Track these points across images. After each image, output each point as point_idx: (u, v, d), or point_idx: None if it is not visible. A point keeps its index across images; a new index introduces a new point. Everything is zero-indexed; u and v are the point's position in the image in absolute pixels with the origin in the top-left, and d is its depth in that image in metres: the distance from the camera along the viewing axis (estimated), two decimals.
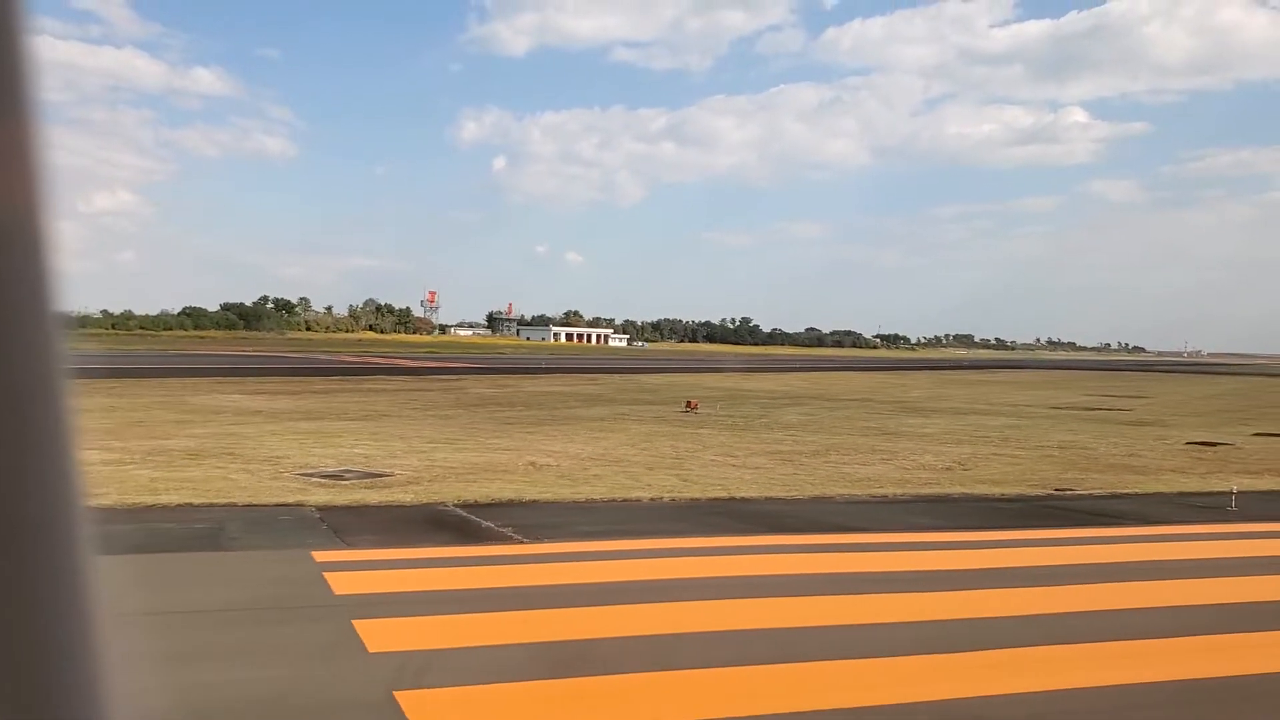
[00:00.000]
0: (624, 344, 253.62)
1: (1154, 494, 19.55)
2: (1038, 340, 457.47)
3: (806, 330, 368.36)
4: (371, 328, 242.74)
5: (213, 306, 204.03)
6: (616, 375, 73.60)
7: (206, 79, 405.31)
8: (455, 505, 15.67)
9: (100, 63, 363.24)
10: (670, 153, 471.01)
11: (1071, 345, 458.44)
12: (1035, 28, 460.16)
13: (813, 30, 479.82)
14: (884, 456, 25.80)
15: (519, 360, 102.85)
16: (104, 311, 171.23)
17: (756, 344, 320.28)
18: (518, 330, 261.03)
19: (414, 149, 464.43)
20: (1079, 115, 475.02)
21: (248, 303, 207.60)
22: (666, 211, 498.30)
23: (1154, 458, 27.31)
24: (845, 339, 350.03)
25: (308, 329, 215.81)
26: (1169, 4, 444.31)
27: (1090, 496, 19.37)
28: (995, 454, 27.14)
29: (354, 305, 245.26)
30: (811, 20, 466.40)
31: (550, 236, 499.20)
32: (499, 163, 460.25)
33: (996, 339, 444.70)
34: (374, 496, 16.46)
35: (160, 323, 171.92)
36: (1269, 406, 58.04)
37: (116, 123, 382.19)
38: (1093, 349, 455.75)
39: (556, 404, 41.88)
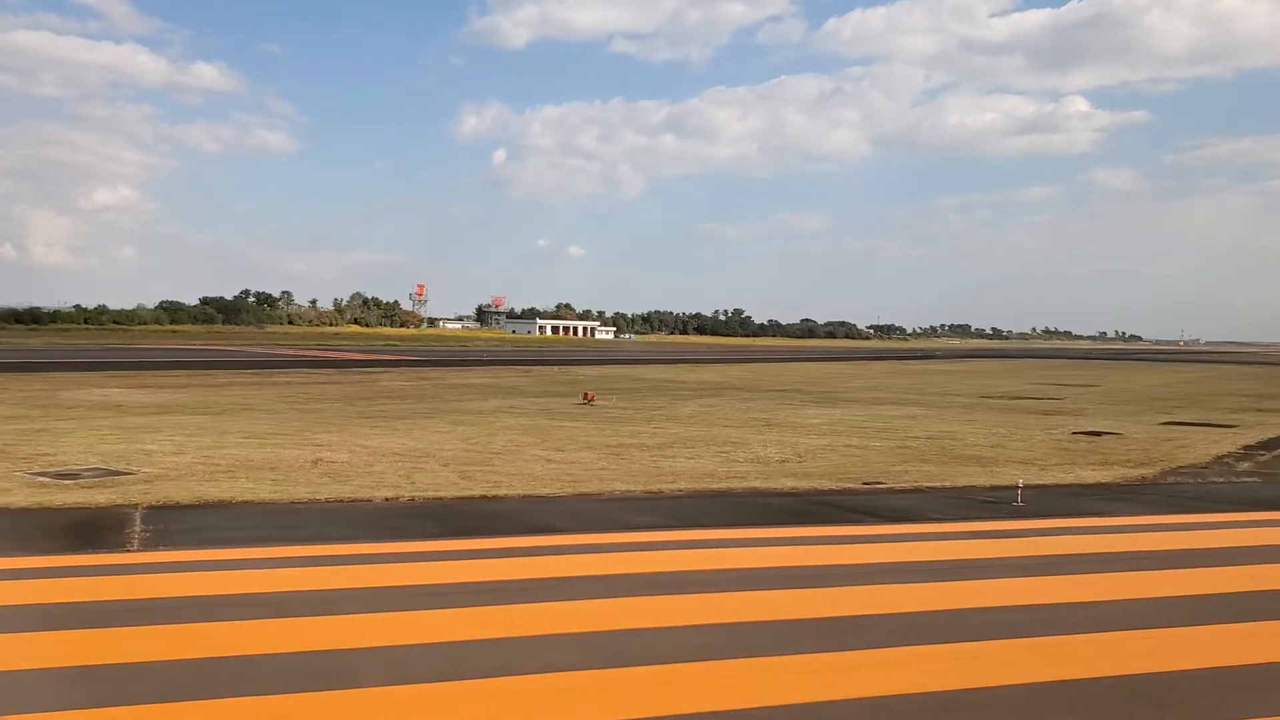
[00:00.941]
0: (611, 336, 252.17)
1: (953, 488, 18.28)
2: (1033, 329, 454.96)
3: (802, 321, 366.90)
4: (356, 321, 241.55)
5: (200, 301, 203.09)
6: (558, 367, 72.41)
7: (208, 74, 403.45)
8: (148, 507, 14.45)
9: (100, 58, 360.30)
10: (671, 145, 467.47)
11: (1067, 334, 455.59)
12: (1036, 17, 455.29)
13: (813, 21, 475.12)
14: (730, 449, 24.58)
15: (470, 353, 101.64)
16: (76, 306, 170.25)
17: (747, 335, 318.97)
18: (503, 323, 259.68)
19: (415, 143, 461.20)
20: (1080, 104, 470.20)
21: (228, 296, 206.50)
22: (668, 204, 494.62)
23: (1019, 449, 26.07)
24: (838, 330, 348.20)
25: (290, 323, 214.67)
26: None
27: (889, 491, 18.12)
28: (851, 445, 25.91)
29: (339, 299, 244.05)
30: (812, 11, 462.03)
31: (552, 230, 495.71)
32: (499, 156, 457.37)
33: (993, 329, 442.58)
34: (76, 497, 15.26)
35: (135, 317, 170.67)
36: (1213, 395, 56.74)
37: (117, 119, 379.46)
38: (1088, 338, 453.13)
39: (454, 396, 40.70)
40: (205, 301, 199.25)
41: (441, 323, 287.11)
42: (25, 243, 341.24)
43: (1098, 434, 30.48)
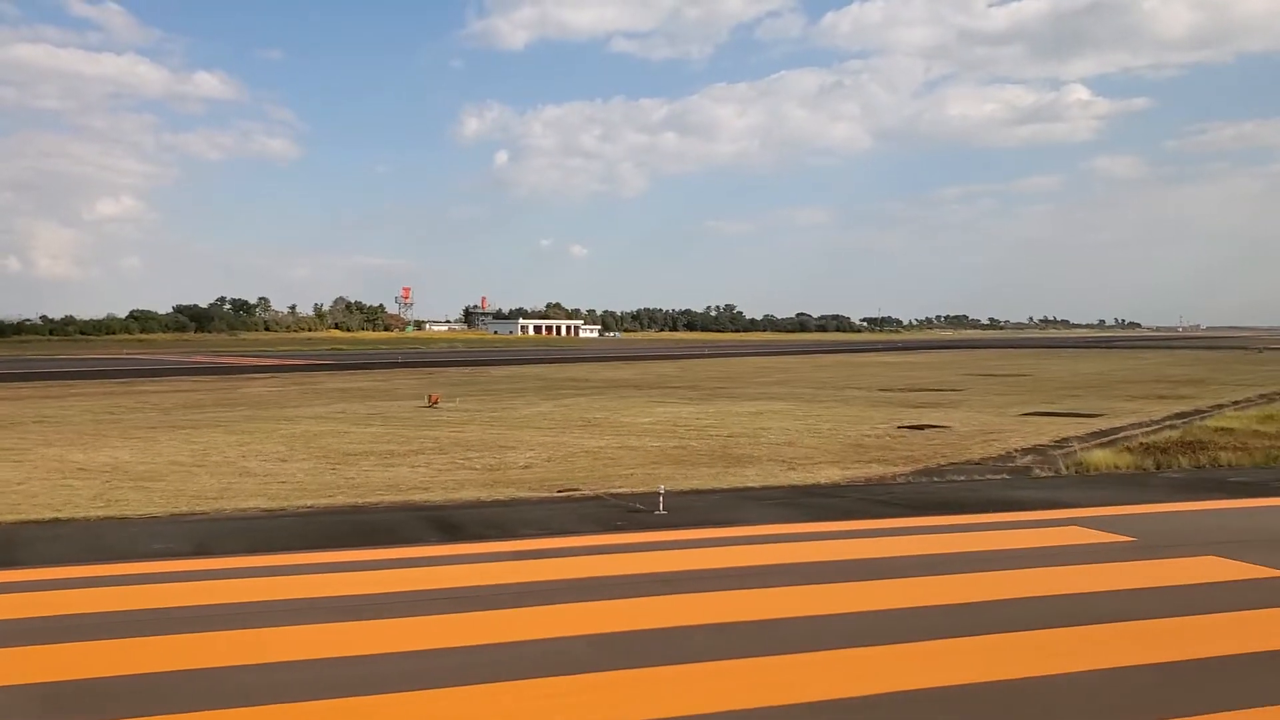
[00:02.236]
0: (595, 335, 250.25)
1: (619, 494, 16.40)
2: (1030, 319, 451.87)
3: (797, 315, 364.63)
4: (338, 326, 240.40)
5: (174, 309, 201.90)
6: (471, 367, 70.79)
7: (209, 83, 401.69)
8: None
9: (101, 70, 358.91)
10: (672, 143, 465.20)
11: (1065, 323, 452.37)
12: (1035, 5, 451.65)
13: (812, 15, 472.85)
14: (484, 455, 22.84)
15: (408, 355, 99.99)
16: (42, 317, 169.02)
17: (738, 331, 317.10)
18: (488, 324, 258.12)
19: (416, 146, 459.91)
20: (1081, 93, 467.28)
21: (202, 304, 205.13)
22: (670, 202, 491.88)
23: (812, 445, 24.23)
24: (830, 324, 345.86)
25: (266, 329, 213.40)
26: None
27: (524, 502, 16.28)
28: (631, 448, 24.11)
29: (319, 304, 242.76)
30: (810, 5, 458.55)
31: (554, 230, 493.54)
32: (501, 157, 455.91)
33: (990, 319, 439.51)
34: None
35: (104, 326, 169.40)
36: (1131, 381, 54.77)
37: (118, 129, 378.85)
38: (1086, 326, 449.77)
39: (295, 403, 38.99)
40: (179, 310, 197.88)
41: (429, 325, 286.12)
42: (30, 255, 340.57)
43: (923, 427, 28.64)
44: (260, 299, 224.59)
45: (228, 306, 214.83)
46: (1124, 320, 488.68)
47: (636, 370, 68.40)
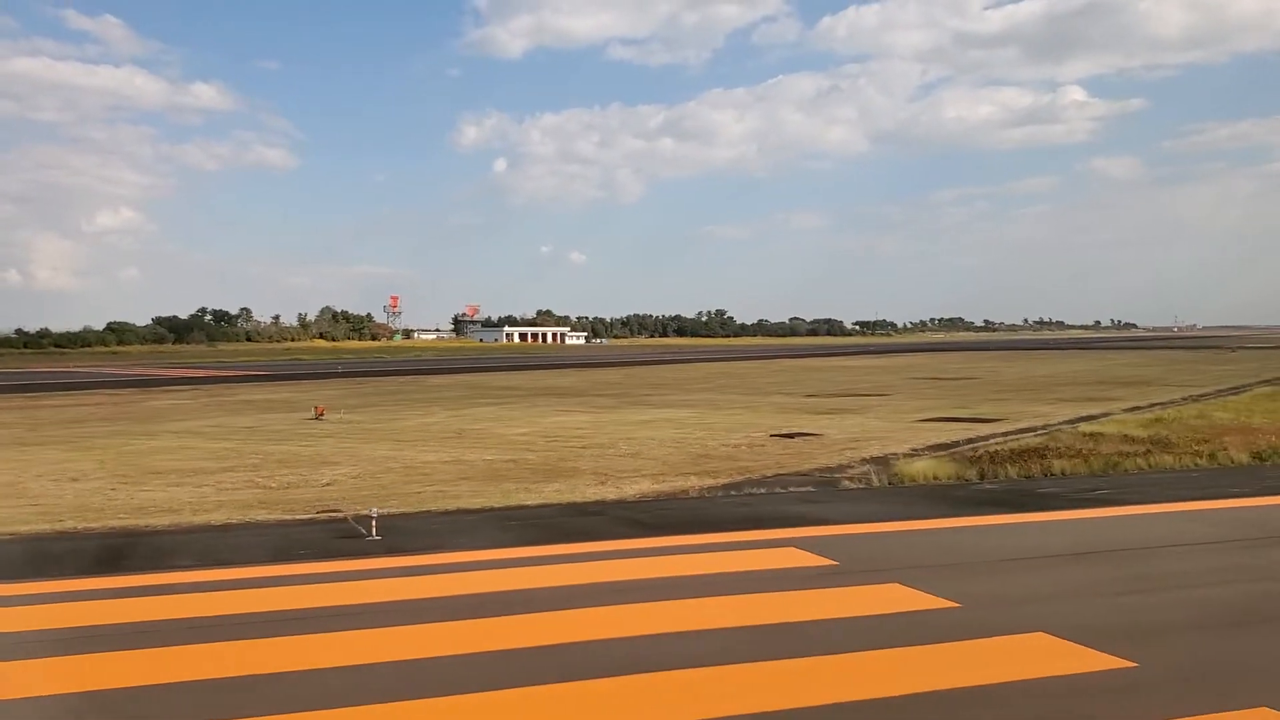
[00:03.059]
0: (582, 341, 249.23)
1: (338, 518, 15.13)
2: (1025, 321, 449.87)
3: (790, 320, 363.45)
4: (322, 335, 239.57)
5: (153, 321, 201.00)
6: (413, 377, 69.59)
7: (207, 94, 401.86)
8: None
9: (99, 82, 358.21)
10: (670, 148, 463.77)
11: (1059, 325, 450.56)
12: (1029, 7, 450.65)
13: (808, 20, 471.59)
14: (301, 471, 21.58)
15: (349, 365, 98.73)
16: (18, 330, 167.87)
17: (728, 336, 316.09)
18: (477, 332, 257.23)
19: (415, 155, 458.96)
20: (1076, 94, 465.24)
21: (182, 315, 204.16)
22: (668, 207, 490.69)
23: (658, 457, 22.93)
24: (821, 327, 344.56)
25: (249, 339, 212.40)
26: None
27: (223, 528, 15.00)
28: (459, 461, 22.82)
29: (303, 313, 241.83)
30: (806, 9, 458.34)
31: (553, 237, 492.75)
32: (499, 165, 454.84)
33: (985, 321, 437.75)
34: None
35: (80, 339, 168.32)
36: (1069, 384, 53.46)
37: (116, 140, 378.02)
38: (1081, 327, 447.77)
39: (192, 415, 37.78)
40: (158, 321, 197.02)
41: (417, 334, 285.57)
42: (29, 267, 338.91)
43: (794, 435, 27.36)
44: (242, 309, 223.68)
45: (209, 318, 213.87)
46: (1120, 321, 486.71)
47: (580, 378, 67.16)
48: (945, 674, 7.60)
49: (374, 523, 13.47)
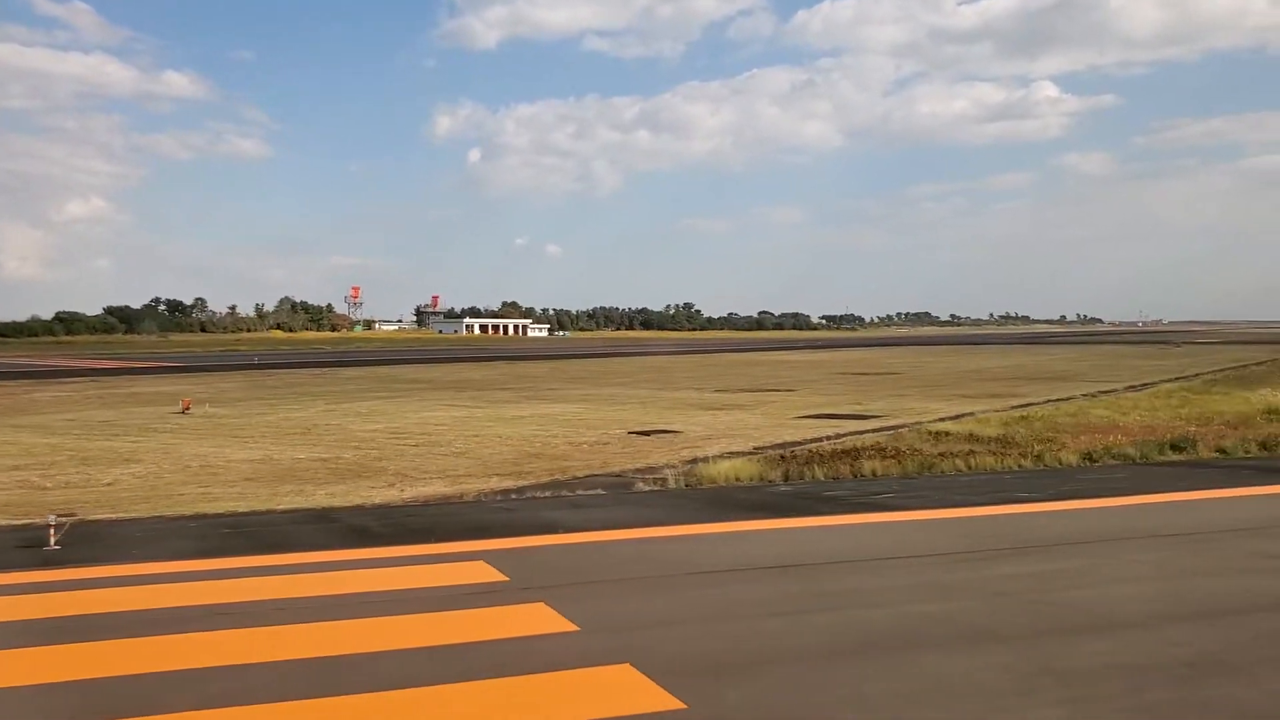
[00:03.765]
0: (544, 334, 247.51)
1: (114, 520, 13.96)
2: (991, 315, 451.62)
3: (759, 314, 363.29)
4: (279, 326, 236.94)
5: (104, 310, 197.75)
6: (347, 368, 68.22)
7: (178, 82, 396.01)
8: None
9: (69, 69, 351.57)
10: (645, 140, 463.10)
11: (1025, 319, 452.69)
12: (1004, 3, 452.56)
13: (783, 14, 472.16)
14: (100, 469, 20.35)
15: (266, 356, 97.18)
16: None
17: (694, 329, 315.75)
18: (439, 322, 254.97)
19: (389, 146, 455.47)
20: (1049, 90, 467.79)
21: (134, 305, 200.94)
22: (644, 199, 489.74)
23: (477, 458, 21.86)
24: (788, 322, 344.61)
25: (203, 330, 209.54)
26: None
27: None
28: (269, 460, 21.66)
29: (260, 304, 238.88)
30: (781, 3, 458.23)
31: (529, 228, 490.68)
32: (474, 155, 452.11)
33: (952, 316, 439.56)
34: None
35: (25, 329, 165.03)
36: (1002, 379, 52.91)
37: (87, 129, 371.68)
38: (1046, 321, 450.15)
39: (61, 409, 36.38)
40: (110, 311, 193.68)
41: (379, 325, 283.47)
42: None
43: (650, 433, 26.40)
44: (197, 299, 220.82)
45: (162, 308, 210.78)
46: (1085, 316, 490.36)
47: (505, 371, 66.03)
48: (509, 712, 6.60)
49: (53, 531, 12.30)
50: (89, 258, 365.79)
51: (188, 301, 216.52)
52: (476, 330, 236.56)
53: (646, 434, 26.18)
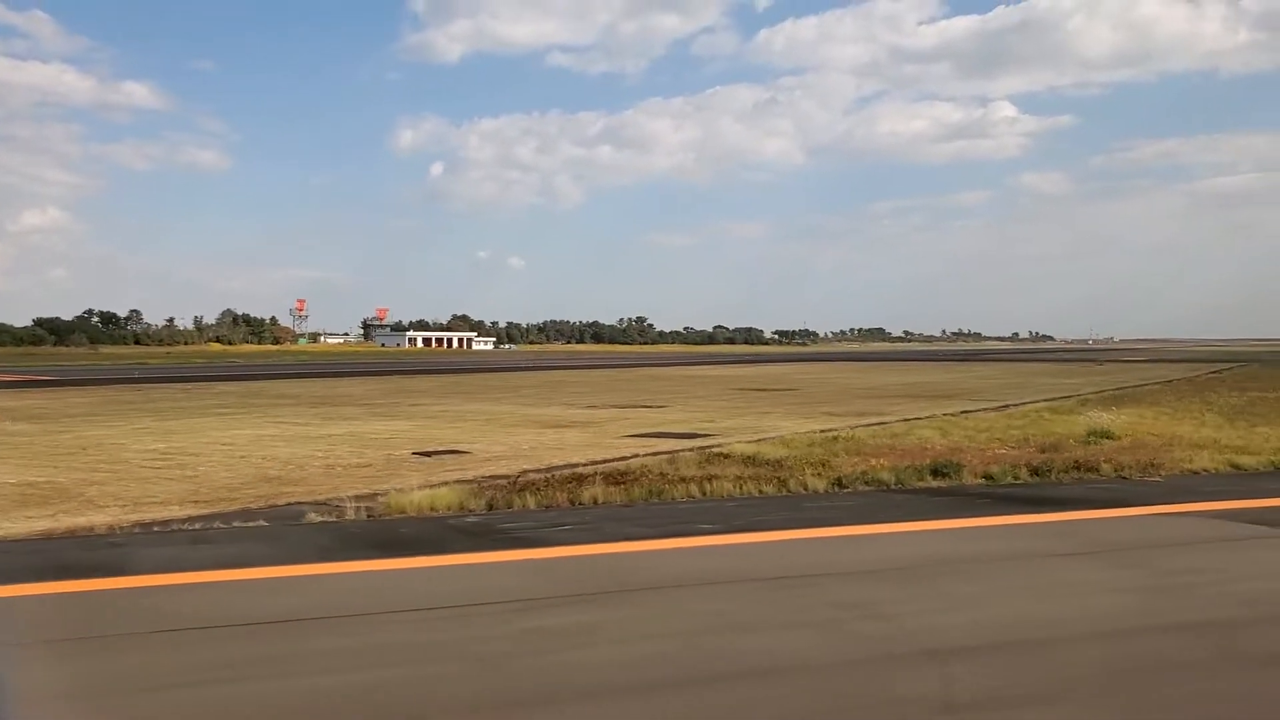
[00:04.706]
0: (490, 347, 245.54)
1: None
2: (943, 332, 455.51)
3: (714, 328, 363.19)
4: (218, 339, 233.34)
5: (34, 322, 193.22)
6: (223, 383, 66.07)
7: (138, 92, 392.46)
8: None
9: (26, 78, 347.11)
10: (609, 155, 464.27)
11: (976, 336, 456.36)
12: (963, 23, 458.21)
13: (746, 32, 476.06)
14: None
15: (157, 370, 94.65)
16: None
17: (646, 343, 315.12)
18: (375, 336, 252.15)
19: (351, 158, 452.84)
20: (1007, 110, 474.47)
21: (66, 317, 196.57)
22: (607, 214, 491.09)
23: (216, 484, 20.16)
24: (739, 337, 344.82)
25: (137, 342, 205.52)
26: None
27: None
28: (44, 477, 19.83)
29: (199, 316, 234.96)
30: (744, 22, 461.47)
31: (491, 242, 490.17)
32: (437, 169, 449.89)
33: (905, 332, 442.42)
34: None
35: None
36: (889, 397, 51.88)
37: (44, 138, 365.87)
38: (997, 339, 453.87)
39: None
40: (39, 322, 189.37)
41: (324, 337, 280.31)
42: None
43: (431, 453, 24.81)
44: (132, 311, 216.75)
45: (95, 320, 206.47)
46: (1037, 333, 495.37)
47: (387, 385, 64.16)
48: None
49: None
50: (44, 268, 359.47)
51: (132, 314, 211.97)
52: (420, 343, 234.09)
53: (428, 455, 24.59)
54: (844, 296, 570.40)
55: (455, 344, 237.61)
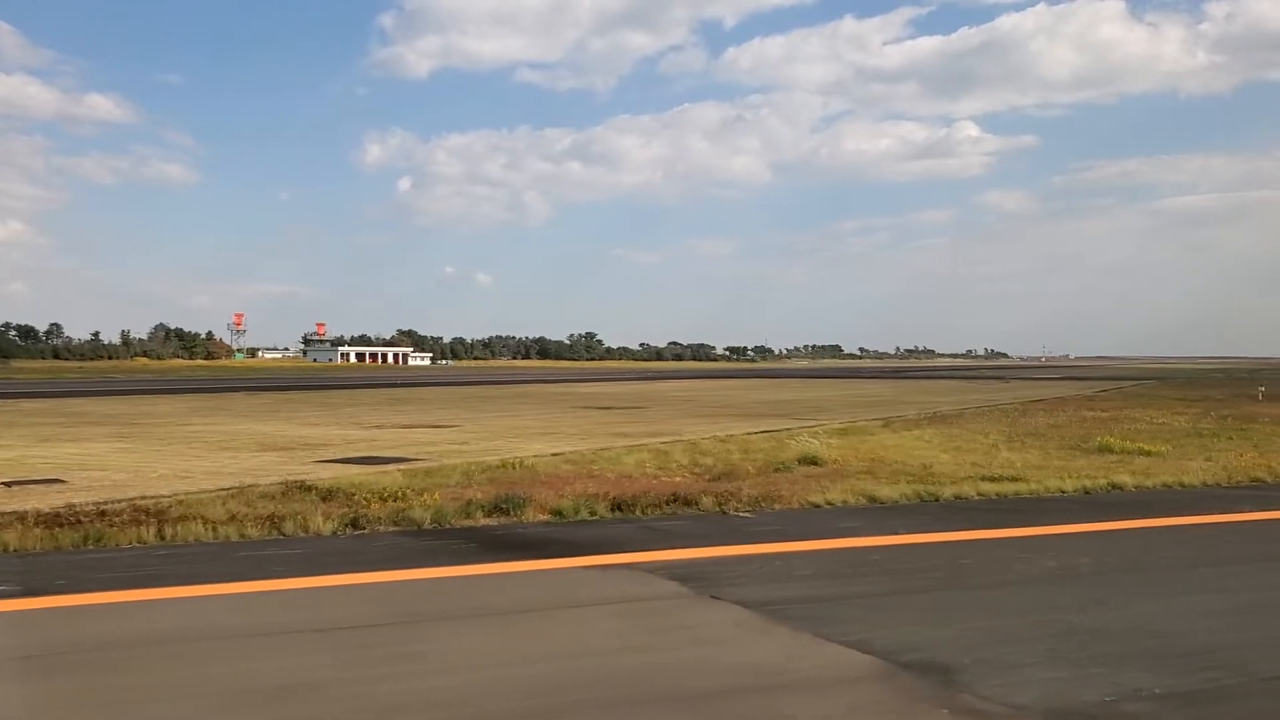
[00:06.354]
0: (426, 363, 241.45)
1: None
2: (897, 349, 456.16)
3: (669, 344, 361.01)
4: (146, 354, 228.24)
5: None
6: (81, 400, 62.40)
7: (103, 105, 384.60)
8: None
9: None
10: (577, 172, 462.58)
11: (929, 353, 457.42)
12: (928, 44, 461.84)
13: (714, 50, 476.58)
14: None
15: (26, 385, 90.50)
16: None
17: (593, 359, 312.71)
18: (310, 351, 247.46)
19: (318, 173, 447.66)
20: (971, 129, 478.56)
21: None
22: (576, 230, 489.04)
23: None
24: (686, 353, 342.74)
25: (57, 357, 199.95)
26: (1053, 20, 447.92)
27: None
28: None
29: (127, 330, 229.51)
30: (712, 40, 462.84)
31: (459, 258, 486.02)
32: (404, 184, 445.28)
33: (860, 349, 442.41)
34: None
35: None
36: (758, 415, 49.23)
37: (7, 151, 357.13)
38: (950, 355, 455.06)
39: None
40: None
41: (262, 353, 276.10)
42: None
43: (21, 483, 21.60)
44: (52, 325, 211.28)
45: (13, 334, 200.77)
46: (991, 350, 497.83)
47: (272, 400, 60.78)
48: None
49: None
50: (4, 282, 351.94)
51: (53, 327, 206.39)
52: (353, 358, 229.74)
53: (13, 484, 21.35)
54: (807, 313, 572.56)
55: (391, 359, 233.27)
